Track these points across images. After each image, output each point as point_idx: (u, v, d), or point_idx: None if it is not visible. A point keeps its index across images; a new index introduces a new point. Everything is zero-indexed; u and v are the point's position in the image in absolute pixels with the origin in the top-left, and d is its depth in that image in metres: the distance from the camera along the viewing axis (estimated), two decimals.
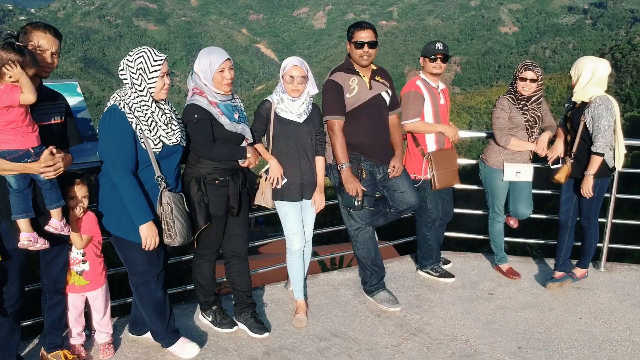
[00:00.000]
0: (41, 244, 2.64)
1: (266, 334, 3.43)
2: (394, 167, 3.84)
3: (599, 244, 4.48)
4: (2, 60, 2.42)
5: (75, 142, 2.90)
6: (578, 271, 4.34)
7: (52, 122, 2.76)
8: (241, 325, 3.50)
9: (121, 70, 2.87)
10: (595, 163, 3.90)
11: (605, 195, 4.36)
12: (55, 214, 2.67)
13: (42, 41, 2.65)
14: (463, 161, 5.24)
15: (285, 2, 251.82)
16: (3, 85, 2.42)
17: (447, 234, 4.66)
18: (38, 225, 2.66)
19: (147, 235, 2.86)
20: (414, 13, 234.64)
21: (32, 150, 2.52)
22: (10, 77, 2.43)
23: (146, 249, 2.88)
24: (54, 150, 2.57)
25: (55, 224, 2.67)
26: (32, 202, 2.62)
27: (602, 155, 3.89)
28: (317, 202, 3.62)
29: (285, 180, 3.48)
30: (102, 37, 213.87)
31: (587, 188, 3.93)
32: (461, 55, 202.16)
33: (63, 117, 2.82)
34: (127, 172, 2.82)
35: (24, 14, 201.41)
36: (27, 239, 2.57)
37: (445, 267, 4.50)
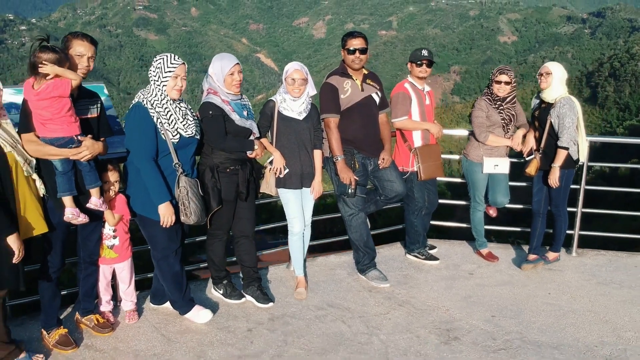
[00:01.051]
0: (82, 219, 3.14)
1: (270, 304, 3.93)
2: (383, 159, 4.34)
3: (570, 231, 4.99)
4: (40, 59, 2.89)
5: (107, 134, 3.39)
6: (550, 255, 4.84)
7: (89, 116, 3.26)
8: (248, 297, 3.99)
9: (150, 69, 3.39)
10: (561, 156, 4.41)
11: (575, 187, 4.88)
12: (95, 192, 3.18)
13: (80, 48, 3.15)
14: (451, 157, 5.77)
15: (285, 12, 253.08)
16: (52, 80, 2.91)
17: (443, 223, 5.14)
18: (79, 203, 3.16)
19: (165, 214, 3.35)
20: (413, 23, 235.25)
21: (75, 138, 3.03)
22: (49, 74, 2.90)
23: (164, 226, 3.38)
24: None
25: (95, 201, 3.18)
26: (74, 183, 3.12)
27: (567, 149, 4.40)
28: (315, 189, 4.12)
29: (287, 170, 3.98)
30: (102, 47, 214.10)
31: (554, 178, 4.43)
32: (460, 64, 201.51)
33: (98, 112, 3.32)
34: (148, 160, 3.32)
35: (24, 24, 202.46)
36: (71, 213, 3.07)
37: (431, 251, 4.99)
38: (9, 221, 2.83)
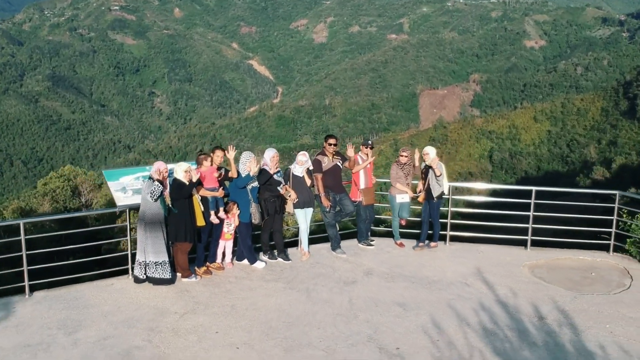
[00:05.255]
0: (217, 221, 9.44)
1: (290, 262, 10.24)
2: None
3: (444, 232, 11.25)
4: (200, 159, 9.23)
5: (222, 185, 9.68)
6: (432, 244, 11.11)
7: (219, 178, 9.57)
8: (280, 259, 10.28)
9: (240, 156, 9.72)
10: (435, 192, 10.67)
11: (445, 209, 11.17)
12: (222, 210, 9.50)
13: (218, 152, 9.52)
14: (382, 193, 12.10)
15: (282, 13, 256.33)
16: (214, 168, 9.25)
17: (379, 228, 11.41)
18: (216, 214, 9.45)
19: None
20: (427, 25, 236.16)
21: (217, 188, 9.35)
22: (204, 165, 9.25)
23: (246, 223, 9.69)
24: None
25: (222, 214, 9.50)
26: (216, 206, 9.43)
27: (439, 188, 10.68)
28: (311, 210, 10.44)
29: (297, 199, 10.27)
30: (72, 53, 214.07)
31: (433, 206, 10.71)
32: (481, 72, 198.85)
33: (223, 175, 9.63)
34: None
35: None
36: (214, 217, 9.38)
37: (371, 242, 11.27)
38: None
